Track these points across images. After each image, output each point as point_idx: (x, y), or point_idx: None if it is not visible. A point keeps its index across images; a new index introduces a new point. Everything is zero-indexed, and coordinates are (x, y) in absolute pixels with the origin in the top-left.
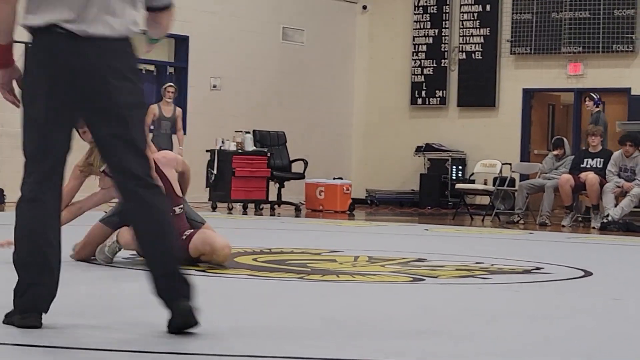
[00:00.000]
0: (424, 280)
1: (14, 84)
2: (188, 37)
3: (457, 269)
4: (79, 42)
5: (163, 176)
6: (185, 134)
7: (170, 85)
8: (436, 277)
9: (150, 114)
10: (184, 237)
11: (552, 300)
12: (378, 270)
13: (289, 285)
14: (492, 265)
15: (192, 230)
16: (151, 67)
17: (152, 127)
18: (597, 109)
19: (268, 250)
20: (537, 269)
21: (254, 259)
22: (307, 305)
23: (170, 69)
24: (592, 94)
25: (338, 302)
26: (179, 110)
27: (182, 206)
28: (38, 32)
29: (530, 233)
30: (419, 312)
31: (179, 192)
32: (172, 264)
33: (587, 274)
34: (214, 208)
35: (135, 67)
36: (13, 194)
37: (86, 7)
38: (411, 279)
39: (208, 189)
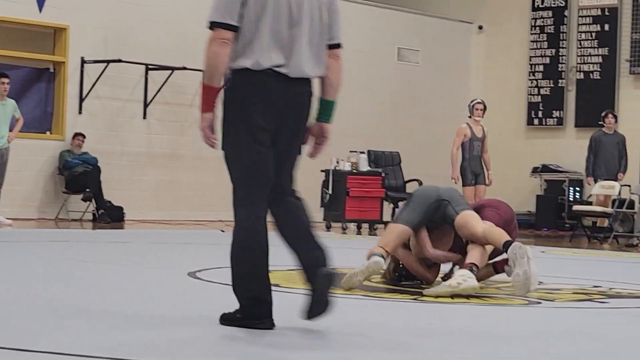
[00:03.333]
0: (540, 303)
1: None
2: None
3: (574, 293)
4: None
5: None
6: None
7: (478, 102)
8: (552, 301)
9: (461, 135)
10: None
11: None
12: (494, 292)
13: (403, 306)
14: (610, 289)
15: None
16: None
17: (462, 150)
18: None
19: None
20: None
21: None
22: (421, 326)
23: None
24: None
25: (453, 324)
26: (486, 129)
27: None
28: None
29: None
30: (532, 334)
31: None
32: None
33: None
34: (328, 228)
35: None
36: (132, 213)
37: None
38: (527, 302)
39: (322, 208)
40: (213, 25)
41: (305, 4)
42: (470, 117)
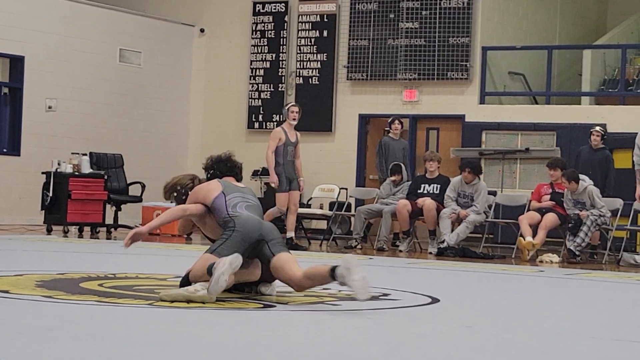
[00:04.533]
0: (274, 306)
1: None
2: (23, 57)
3: (306, 295)
4: None
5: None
6: (18, 155)
7: (294, 105)
8: (286, 304)
9: (276, 138)
10: None
11: (405, 328)
12: (227, 296)
13: (138, 312)
14: (340, 291)
15: None
16: None
17: (276, 155)
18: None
19: (113, 276)
20: (385, 295)
21: (100, 284)
22: (157, 332)
23: (5, 89)
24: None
25: (191, 330)
26: (299, 134)
27: None
28: None
29: (370, 258)
30: (272, 340)
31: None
32: None
33: (434, 300)
34: (49, 231)
35: None
36: None
37: None
38: (262, 305)
39: (43, 211)
40: None
41: None
42: (284, 121)
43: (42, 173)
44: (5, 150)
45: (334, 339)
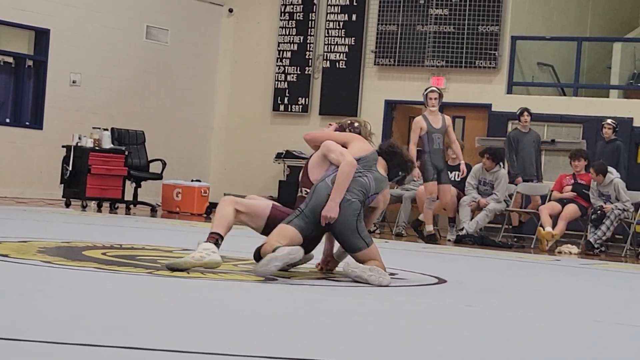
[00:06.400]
0: (276, 280)
1: None
2: (49, 30)
3: (310, 271)
4: None
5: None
6: (40, 129)
7: (432, 91)
8: (289, 278)
9: (417, 129)
10: None
11: (405, 305)
12: (230, 269)
13: (136, 279)
14: None
15: None
16: (9, 59)
17: (421, 146)
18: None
19: (119, 246)
20: (391, 274)
21: (103, 253)
22: (153, 300)
23: (29, 62)
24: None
25: (187, 298)
26: (448, 118)
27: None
28: None
29: (386, 242)
30: (267, 309)
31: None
32: None
33: (441, 281)
34: (67, 205)
35: None
36: None
37: None
38: (263, 278)
39: (62, 185)
40: None
41: None
42: (425, 107)
43: (63, 147)
44: (27, 123)
45: (322, 311)
